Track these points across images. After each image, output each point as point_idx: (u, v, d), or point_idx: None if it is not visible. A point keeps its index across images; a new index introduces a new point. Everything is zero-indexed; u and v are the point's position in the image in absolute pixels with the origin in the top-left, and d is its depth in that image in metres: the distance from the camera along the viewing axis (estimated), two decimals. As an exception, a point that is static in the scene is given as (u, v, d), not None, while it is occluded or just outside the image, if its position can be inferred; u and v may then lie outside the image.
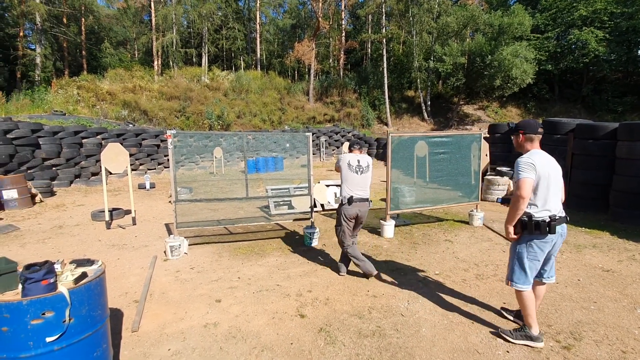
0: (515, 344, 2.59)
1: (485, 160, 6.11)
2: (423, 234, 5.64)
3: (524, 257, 2.52)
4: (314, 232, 5.15)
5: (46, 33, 22.05)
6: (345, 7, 30.05)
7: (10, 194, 7.56)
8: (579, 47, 24.02)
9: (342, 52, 29.69)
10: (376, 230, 5.80)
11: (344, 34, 30.40)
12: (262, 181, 11.18)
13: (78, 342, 1.81)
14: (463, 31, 24.93)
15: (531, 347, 2.55)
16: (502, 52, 21.60)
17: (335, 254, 4.74)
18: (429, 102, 25.88)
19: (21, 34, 22.21)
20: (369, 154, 20.07)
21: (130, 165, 7.07)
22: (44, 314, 1.68)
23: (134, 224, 6.40)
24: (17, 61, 21.82)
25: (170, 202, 8.42)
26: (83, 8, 24.18)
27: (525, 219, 2.45)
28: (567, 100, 26.29)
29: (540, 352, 2.51)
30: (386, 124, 24.40)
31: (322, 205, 7.59)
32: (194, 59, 28.59)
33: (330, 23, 27.51)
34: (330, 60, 31.66)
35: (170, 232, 5.73)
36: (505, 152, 9.11)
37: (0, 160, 9.15)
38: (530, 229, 2.44)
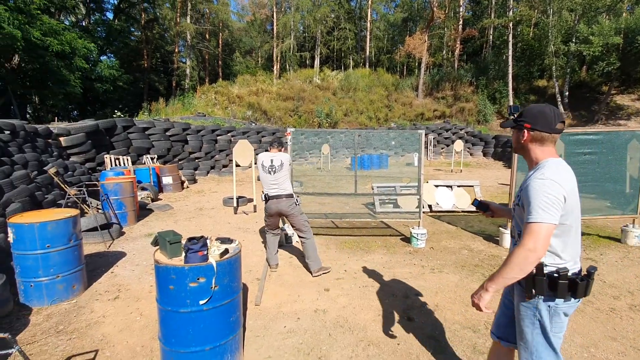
0: None
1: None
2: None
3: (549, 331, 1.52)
4: (421, 234, 4.95)
5: (194, 48, 26.63)
6: (464, -8, 27.67)
7: (167, 180, 9.46)
8: None
9: (458, 42, 27.41)
10: (494, 238, 5.23)
11: (461, 22, 28.00)
12: (369, 178, 11.27)
13: (220, 306, 2.18)
14: (619, 4, 20.10)
15: None
16: (683, 24, 16.60)
17: (445, 258, 4.47)
18: (567, 93, 21.75)
19: (176, 50, 27.38)
20: (485, 154, 18.16)
21: (253, 159, 8.02)
22: (199, 279, 2.07)
23: (255, 211, 7.25)
24: (173, 73, 27.01)
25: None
26: (221, 24, 28.32)
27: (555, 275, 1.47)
28: None
29: None
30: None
31: (430, 206, 7.22)
32: (307, 61, 30.51)
33: (446, 12, 25.68)
34: (444, 52, 29.60)
35: (284, 222, 6.29)
36: None
37: (161, 152, 11.50)
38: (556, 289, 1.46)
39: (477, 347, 2.58)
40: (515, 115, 1.63)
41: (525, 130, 1.56)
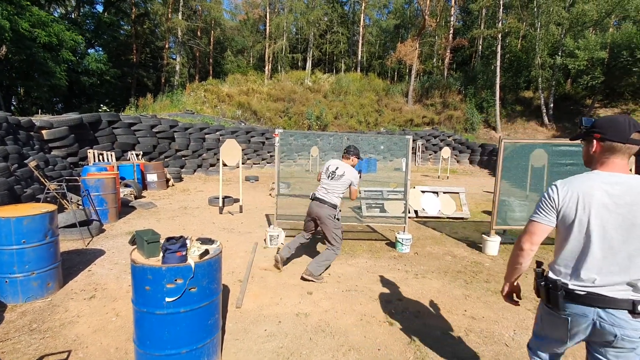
0: None
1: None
2: (535, 257, 4.91)
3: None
4: (406, 239, 4.97)
5: (184, 45, 26.31)
6: (455, 2, 28.14)
7: (152, 177, 9.27)
8: None
9: (448, 51, 27.88)
10: (477, 245, 5.30)
11: (451, 31, 28.51)
12: (355, 182, 11.30)
13: (198, 308, 2.12)
14: (605, 20, 20.80)
15: None
16: (663, 42, 17.29)
17: (429, 264, 4.49)
18: (552, 105, 22.36)
19: (166, 46, 27.00)
20: (471, 161, 18.46)
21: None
22: (176, 280, 2.02)
23: (241, 211, 7.17)
24: (162, 69, 26.61)
25: (270, 195, 9.19)
26: (213, 22, 28.08)
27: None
28: None
29: None
30: (494, 129, 22.02)
31: (416, 212, 7.27)
32: (299, 63, 30.52)
33: (438, 20, 26.06)
34: (434, 59, 30.04)
35: (270, 223, 6.24)
36: None
37: (147, 149, 11.29)
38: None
39: (457, 354, 2.59)
40: (587, 127, 1.51)
41: (595, 141, 1.46)
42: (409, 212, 7.23)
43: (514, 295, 1.75)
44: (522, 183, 5.34)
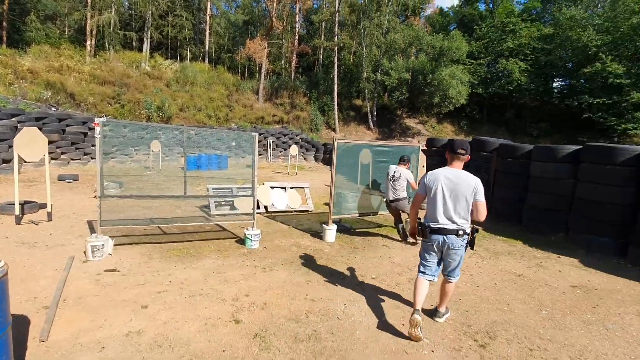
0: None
1: (422, 171, 6.52)
2: (363, 239, 5.83)
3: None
4: (255, 235, 5.03)
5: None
6: (299, 10, 30.19)
7: None
8: (505, 75, 27.04)
9: (295, 55, 29.75)
10: (318, 234, 5.86)
11: (297, 37, 30.50)
12: (203, 179, 10.67)
13: (-39, 358, 1.53)
14: (408, 49, 26.56)
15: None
16: (441, 72, 23.47)
17: (277, 256, 4.68)
18: (375, 113, 27.06)
19: None
20: (316, 158, 20.31)
21: (51, 153, 6.26)
22: None
23: (50, 219, 5.67)
24: None
25: (95, 196, 7.63)
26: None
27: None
28: (493, 122, 29.36)
29: (460, 350, 2.73)
30: (334, 130, 24.94)
31: (266, 207, 7.47)
32: (134, 44, 26.46)
33: (284, 25, 27.44)
34: (282, 61, 31.52)
35: (93, 231, 5.17)
36: (441, 165, 9.81)
37: None
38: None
39: (298, 336, 2.79)
40: (445, 145, 3.45)
41: (447, 152, 2.96)
42: (259, 208, 7.35)
43: (416, 235, 3.11)
44: (353, 177, 6.21)
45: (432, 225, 2.85)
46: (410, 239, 5.11)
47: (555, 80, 29.44)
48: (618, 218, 5.33)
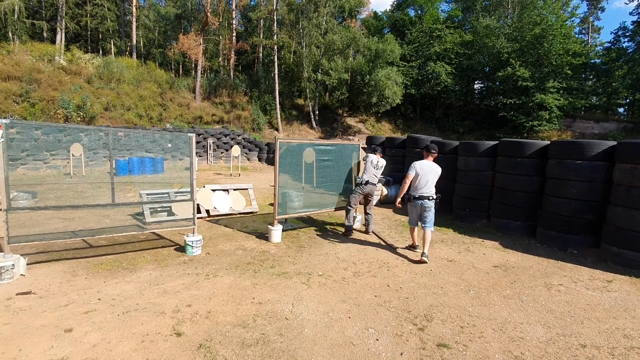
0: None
1: (362, 164, 6.78)
2: (309, 237, 5.89)
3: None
4: (196, 241, 4.79)
5: None
6: (236, 6, 29.36)
7: None
8: (434, 77, 29.27)
9: (233, 53, 28.87)
10: (264, 236, 5.78)
11: (234, 34, 29.62)
12: (134, 185, 9.84)
13: None
14: (347, 50, 27.36)
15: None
16: (378, 73, 24.60)
17: (221, 261, 4.51)
18: (317, 112, 27.42)
19: None
20: (260, 159, 19.97)
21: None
22: None
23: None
24: None
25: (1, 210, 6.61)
26: None
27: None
28: (425, 120, 31.62)
29: (402, 336, 2.90)
30: (277, 129, 24.74)
31: (208, 211, 7.15)
32: (45, 34, 23.43)
33: (220, 20, 26.43)
34: (220, 59, 30.38)
35: (0, 250, 4.48)
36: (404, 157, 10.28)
37: None
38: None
39: (246, 342, 2.73)
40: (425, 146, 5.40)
41: (424, 150, 5.17)
42: (200, 213, 7.01)
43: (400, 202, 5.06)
44: (297, 176, 6.23)
45: (416, 194, 4.85)
46: (372, 229, 6.16)
47: (476, 82, 32.68)
48: (527, 203, 6.12)
